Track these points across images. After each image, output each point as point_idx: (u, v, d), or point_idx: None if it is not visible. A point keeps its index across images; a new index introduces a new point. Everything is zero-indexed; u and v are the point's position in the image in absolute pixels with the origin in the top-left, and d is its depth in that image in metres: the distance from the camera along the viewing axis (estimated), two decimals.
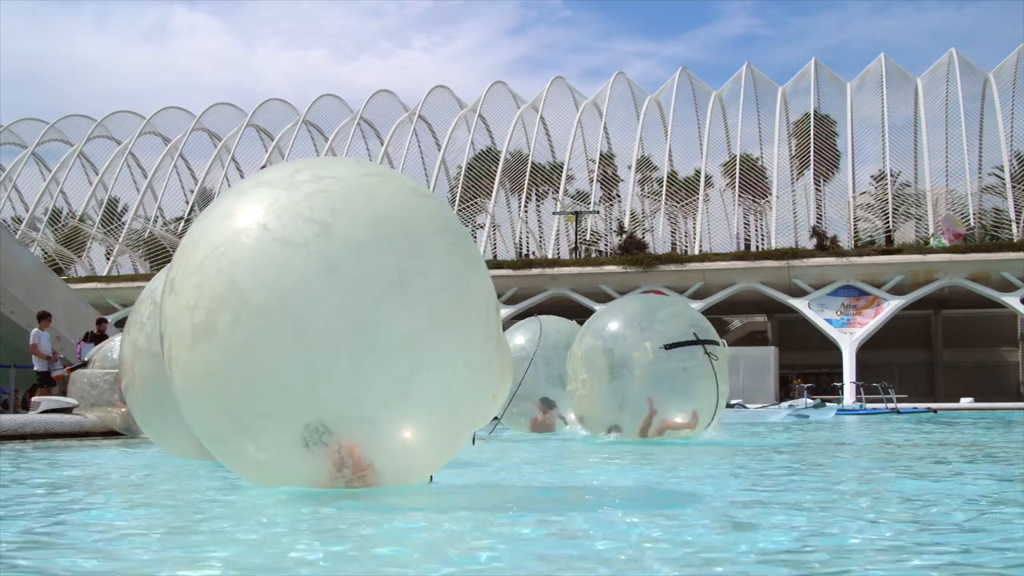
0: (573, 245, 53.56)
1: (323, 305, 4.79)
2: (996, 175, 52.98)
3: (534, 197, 59.08)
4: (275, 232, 4.86)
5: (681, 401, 11.55)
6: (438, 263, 5.06)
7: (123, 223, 58.91)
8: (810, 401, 31.10)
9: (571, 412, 12.89)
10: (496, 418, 12.57)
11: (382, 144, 59.00)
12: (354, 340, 4.81)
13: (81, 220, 59.32)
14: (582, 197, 58.02)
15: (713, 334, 11.75)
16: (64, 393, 15.62)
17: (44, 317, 18.18)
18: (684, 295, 46.31)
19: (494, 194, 54.47)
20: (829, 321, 44.43)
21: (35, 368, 18.15)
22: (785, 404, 30.50)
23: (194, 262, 5.02)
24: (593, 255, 54.10)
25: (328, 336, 4.79)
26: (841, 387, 39.72)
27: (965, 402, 37.80)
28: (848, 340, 43.50)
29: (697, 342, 11.37)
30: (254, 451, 5.08)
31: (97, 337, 17.93)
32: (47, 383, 17.92)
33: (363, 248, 4.87)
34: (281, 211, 4.93)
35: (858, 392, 37.43)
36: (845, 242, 50.32)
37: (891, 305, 44.23)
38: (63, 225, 59.78)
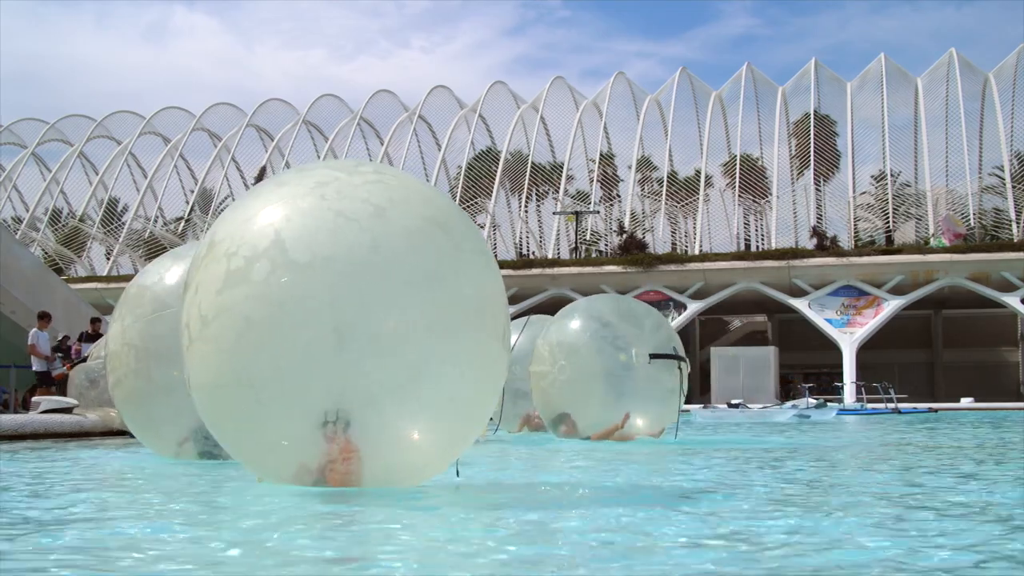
0: (573, 245, 53.55)
1: (360, 277, 4.94)
2: (996, 175, 52.96)
3: (534, 197, 59.06)
4: (332, 203, 5.06)
5: (647, 411, 11.71)
6: (470, 269, 5.25)
7: (123, 223, 58.89)
8: (812, 401, 31.10)
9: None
10: (491, 419, 12.58)
11: (382, 144, 58.99)
12: (381, 317, 4.92)
13: (81, 220, 59.30)
14: (582, 197, 58.00)
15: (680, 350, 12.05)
16: (64, 392, 15.61)
17: (44, 317, 18.15)
18: (684, 295, 46.34)
19: (494, 194, 54.46)
20: (829, 321, 44.41)
21: (34, 368, 18.12)
22: (789, 404, 30.49)
23: (240, 219, 5.17)
24: (593, 255, 54.09)
25: (358, 308, 4.91)
26: (842, 387, 39.69)
27: (965, 402, 37.79)
28: (848, 340, 43.48)
29: (676, 357, 11.67)
30: (255, 404, 5.05)
31: (92, 336, 17.94)
32: (46, 383, 17.90)
33: (410, 237, 5.06)
34: (341, 188, 5.16)
35: (859, 392, 37.43)
36: (845, 242, 50.30)
37: (891, 305, 44.21)
38: (63, 225, 59.77)
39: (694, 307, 46.14)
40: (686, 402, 12.64)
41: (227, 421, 5.34)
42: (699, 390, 51.18)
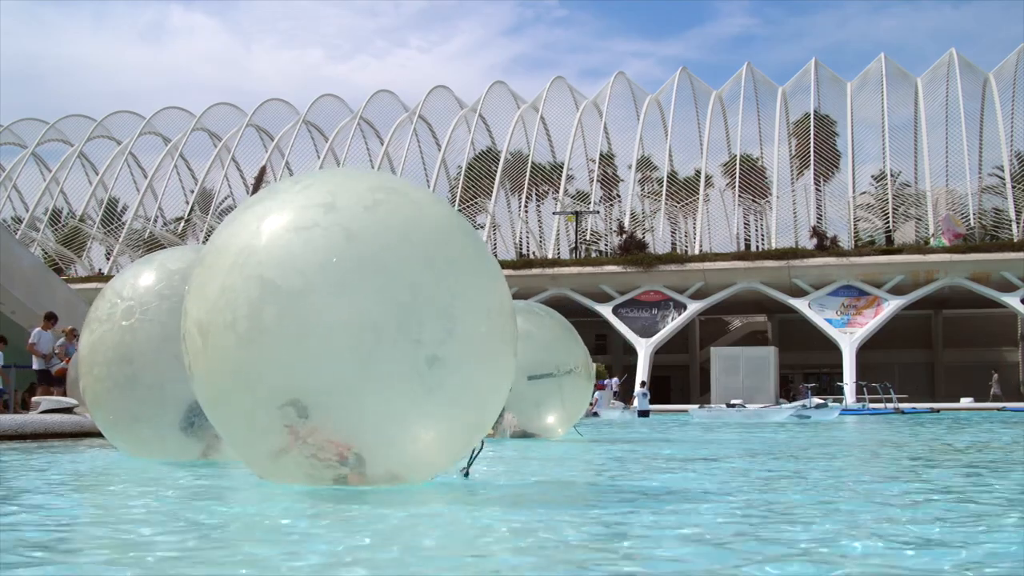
0: (573, 245, 53.55)
1: (384, 298, 5.01)
2: (996, 175, 52.97)
3: (534, 197, 59.06)
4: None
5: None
6: (484, 277, 5.39)
7: (123, 223, 58.90)
8: (816, 401, 31.11)
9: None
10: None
11: (382, 144, 59.00)
12: (405, 331, 4.98)
13: (81, 220, 59.31)
14: (582, 197, 58.00)
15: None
16: (67, 391, 15.63)
17: (50, 318, 18.14)
18: (684, 295, 46.33)
19: (494, 194, 54.46)
20: (829, 321, 44.41)
21: (33, 367, 18.12)
22: (798, 403, 30.42)
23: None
24: (593, 255, 54.09)
25: (382, 323, 4.97)
26: (843, 387, 39.66)
27: (965, 402, 37.83)
28: (848, 340, 43.48)
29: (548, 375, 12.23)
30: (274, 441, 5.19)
31: None
32: (45, 382, 17.91)
33: (428, 253, 5.16)
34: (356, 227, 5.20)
35: (860, 392, 37.41)
36: (845, 242, 50.31)
37: (891, 305, 44.20)
38: (63, 225, 59.77)
39: (694, 307, 46.14)
40: (685, 403, 12.83)
41: (237, 430, 5.49)
42: (699, 390, 51.22)
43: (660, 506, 5.04)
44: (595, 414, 24.17)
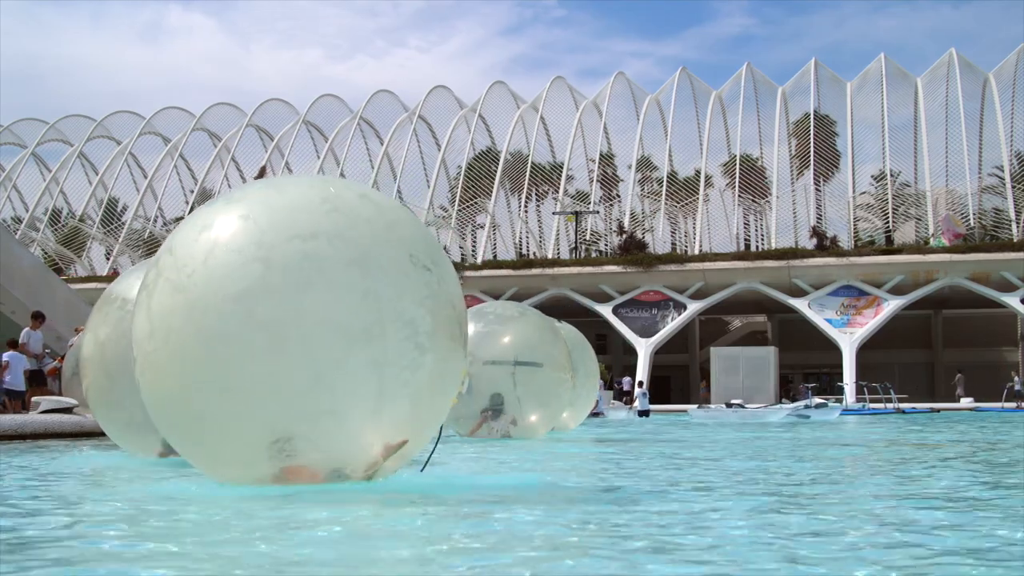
0: (573, 245, 53.54)
1: (333, 302, 5.13)
2: (996, 175, 52.96)
3: (534, 197, 59.04)
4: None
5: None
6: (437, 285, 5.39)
7: (123, 223, 58.89)
8: (817, 400, 31.11)
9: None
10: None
11: (382, 144, 58.98)
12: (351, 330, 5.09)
13: (81, 220, 59.30)
14: (582, 197, 57.99)
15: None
16: (60, 387, 15.65)
17: (37, 317, 18.16)
18: (684, 295, 46.33)
19: (494, 194, 54.44)
20: (829, 321, 44.40)
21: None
22: (799, 404, 30.41)
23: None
24: (593, 255, 54.07)
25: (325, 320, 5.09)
26: (843, 387, 39.64)
27: (965, 402, 37.83)
28: (848, 340, 43.47)
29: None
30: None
31: None
32: (37, 381, 17.93)
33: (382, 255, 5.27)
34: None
35: (860, 392, 37.40)
36: (845, 242, 50.30)
37: (891, 305, 44.20)
38: (63, 225, 59.76)
39: (694, 307, 46.12)
40: (685, 403, 12.96)
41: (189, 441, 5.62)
42: (699, 390, 51.22)
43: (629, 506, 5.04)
44: (596, 414, 24.28)
